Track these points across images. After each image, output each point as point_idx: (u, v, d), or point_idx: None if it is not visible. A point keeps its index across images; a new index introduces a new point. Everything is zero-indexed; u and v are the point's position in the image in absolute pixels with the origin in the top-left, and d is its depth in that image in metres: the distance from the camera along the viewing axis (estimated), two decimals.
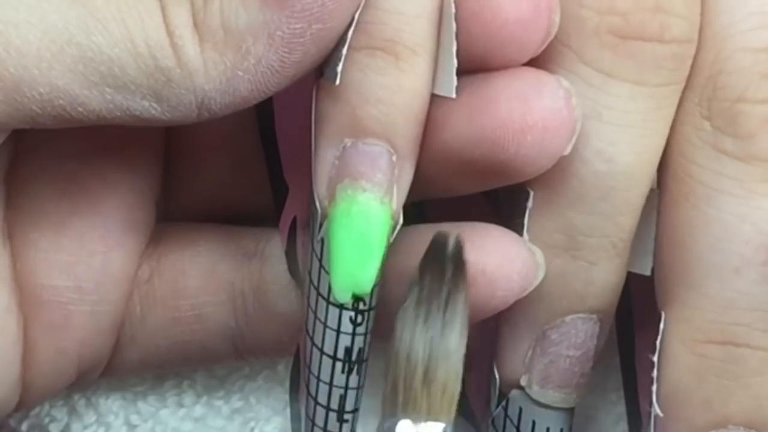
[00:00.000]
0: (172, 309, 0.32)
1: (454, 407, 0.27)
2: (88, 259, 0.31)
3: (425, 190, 0.29)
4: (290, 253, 0.32)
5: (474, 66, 0.28)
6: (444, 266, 0.27)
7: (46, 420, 0.35)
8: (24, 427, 0.35)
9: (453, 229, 0.29)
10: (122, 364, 0.33)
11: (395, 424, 0.27)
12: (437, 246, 0.28)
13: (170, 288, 0.32)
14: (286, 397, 0.36)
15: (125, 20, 0.26)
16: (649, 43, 0.28)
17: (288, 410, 0.35)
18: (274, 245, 0.32)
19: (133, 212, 0.31)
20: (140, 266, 0.32)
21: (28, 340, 0.31)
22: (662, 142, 0.29)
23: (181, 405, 0.35)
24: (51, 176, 0.30)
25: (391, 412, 0.27)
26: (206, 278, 0.32)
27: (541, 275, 0.29)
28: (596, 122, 0.28)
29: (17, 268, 0.30)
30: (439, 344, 0.27)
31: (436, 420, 0.27)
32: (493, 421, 0.31)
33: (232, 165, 0.33)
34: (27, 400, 0.31)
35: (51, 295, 0.30)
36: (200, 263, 0.32)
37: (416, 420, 0.27)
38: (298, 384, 0.33)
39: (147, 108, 0.26)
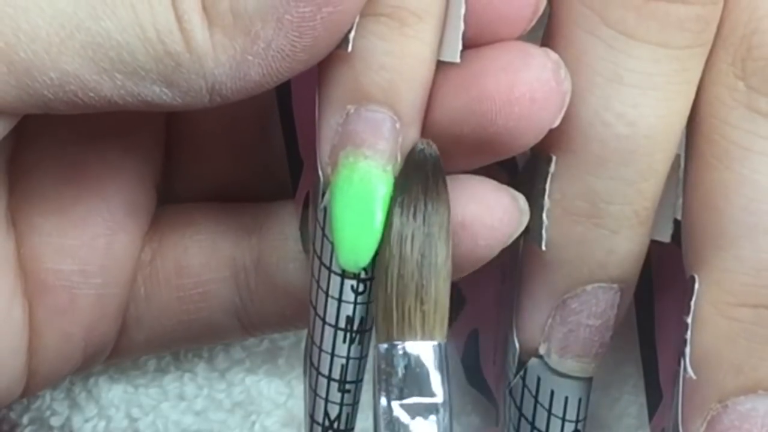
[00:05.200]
0: (176, 288, 0.32)
1: (446, 323, 0.27)
2: (91, 242, 0.31)
3: None
4: (304, 229, 0.32)
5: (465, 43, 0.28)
6: (424, 179, 0.27)
7: (47, 413, 0.35)
8: (25, 419, 0.35)
9: None
10: (129, 347, 0.33)
11: (392, 349, 0.27)
12: (415, 159, 0.27)
13: (173, 267, 0.32)
14: (288, 390, 0.36)
15: (134, 5, 0.26)
16: (673, 4, 0.27)
17: (290, 402, 0.35)
18: (273, 220, 0.32)
19: (135, 196, 0.31)
20: (143, 248, 0.32)
21: (34, 325, 0.31)
22: (687, 106, 0.29)
23: (182, 398, 0.35)
24: (54, 162, 0.30)
25: (385, 338, 0.27)
26: (208, 255, 0.32)
27: (525, 221, 0.29)
28: (618, 85, 0.28)
29: (22, 253, 0.30)
30: (429, 260, 0.26)
31: (430, 339, 0.27)
32: (510, 391, 0.31)
33: (232, 151, 0.33)
34: (33, 385, 0.31)
35: (56, 279, 0.30)
36: (201, 241, 0.32)
37: (412, 340, 0.27)
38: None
39: (158, 93, 0.26)
